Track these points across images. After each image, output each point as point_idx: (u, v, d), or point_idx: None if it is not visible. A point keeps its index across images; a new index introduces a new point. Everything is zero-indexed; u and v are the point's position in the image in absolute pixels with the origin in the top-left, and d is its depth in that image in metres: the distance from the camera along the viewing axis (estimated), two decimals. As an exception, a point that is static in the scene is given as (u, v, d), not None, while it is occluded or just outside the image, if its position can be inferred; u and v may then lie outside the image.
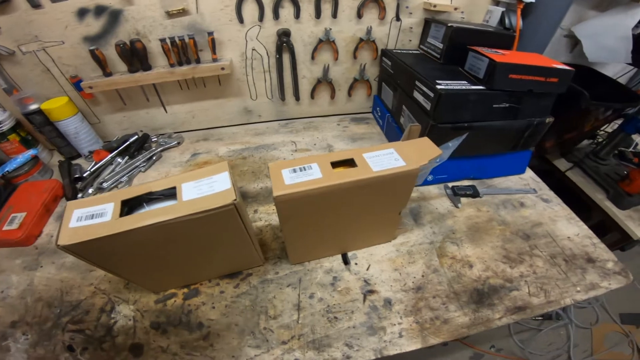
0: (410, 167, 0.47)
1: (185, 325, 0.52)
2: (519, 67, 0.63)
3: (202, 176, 0.47)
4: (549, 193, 0.78)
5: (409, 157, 0.49)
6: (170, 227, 0.42)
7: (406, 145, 0.52)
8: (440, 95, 0.63)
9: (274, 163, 0.48)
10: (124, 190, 0.46)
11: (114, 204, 0.44)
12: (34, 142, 0.83)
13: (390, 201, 0.54)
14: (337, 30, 0.85)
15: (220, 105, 0.95)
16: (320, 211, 0.50)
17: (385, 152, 0.50)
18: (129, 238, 0.41)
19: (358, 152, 0.50)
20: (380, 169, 0.47)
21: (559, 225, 0.69)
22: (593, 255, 0.63)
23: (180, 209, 0.42)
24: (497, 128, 0.71)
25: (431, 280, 0.58)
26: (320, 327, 0.52)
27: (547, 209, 0.73)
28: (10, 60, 0.74)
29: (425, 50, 0.88)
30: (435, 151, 0.51)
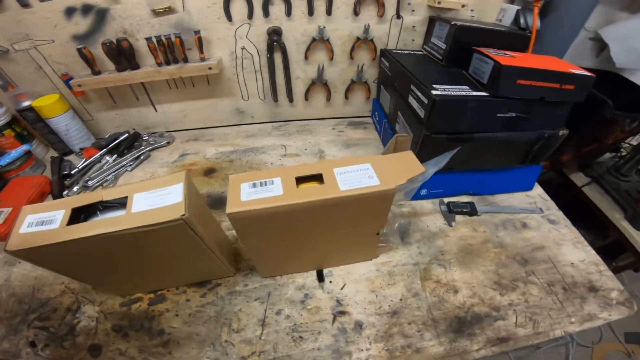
0: (385, 188, 0.42)
1: (146, 330, 0.51)
2: (529, 72, 0.55)
3: (156, 187, 0.44)
4: (557, 213, 0.70)
5: (385, 174, 0.44)
6: (115, 238, 0.40)
7: (386, 160, 0.47)
8: (435, 102, 0.56)
9: (235, 175, 0.45)
10: (77, 197, 0.44)
11: (65, 211, 0.42)
12: (30, 137, 0.85)
13: (364, 222, 0.50)
14: (331, 29, 0.81)
15: (212, 105, 0.93)
16: (283, 229, 0.46)
17: (360, 167, 0.46)
18: (75, 246, 0.40)
19: (329, 165, 0.46)
20: (349, 187, 0.42)
21: (563, 249, 0.62)
22: (597, 283, 0.57)
23: (125, 221, 0.40)
24: (501, 140, 0.63)
25: (409, 305, 0.54)
26: (283, 346, 0.49)
27: (553, 232, 0.66)
28: (5, 57, 0.75)
29: (429, 51, 0.81)
30: (417, 169, 0.46)
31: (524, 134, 0.63)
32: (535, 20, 0.80)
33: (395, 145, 0.55)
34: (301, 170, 0.46)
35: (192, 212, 0.42)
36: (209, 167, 0.84)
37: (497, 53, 0.61)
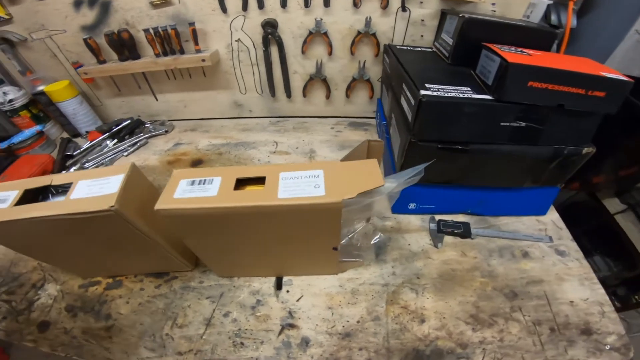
0: (328, 200, 0.38)
1: (95, 313, 0.53)
2: (544, 72, 0.45)
3: (99, 175, 0.44)
4: (569, 244, 0.59)
5: (336, 184, 0.39)
6: (52, 222, 0.41)
7: (343, 168, 0.42)
8: (421, 103, 0.48)
9: (179, 170, 0.44)
10: (31, 179, 0.46)
11: (18, 191, 0.44)
12: (45, 119, 0.92)
13: (314, 235, 0.45)
14: (330, 21, 0.76)
15: (210, 97, 0.93)
16: (220, 232, 0.44)
17: (309, 173, 0.41)
18: (19, 227, 0.41)
19: (276, 169, 0.42)
20: (288, 196, 0.38)
21: (565, 285, 0.53)
22: (594, 326, 0.48)
23: (57, 206, 0.40)
24: (506, 154, 0.53)
25: (366, 329, 0.49)
26: (222, 349, 0.48)
27: (558, 264, 0.56)
28: (24, 45, 0.82)
29: (438, 47, 0.72)
30: (375, 181, 0.40)
31: (536, 149, 0.53)
32: (570, 17, 0.68)
33: (368, 152, 0.50)
34: (244, 171, 0.43)
35: (130, 204, 0.41)
36: (198, 158, 0.84)
37: (510, 50, 0.50)
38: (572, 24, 0.69)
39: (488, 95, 0.49)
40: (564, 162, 0.54)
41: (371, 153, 0.49)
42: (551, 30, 0.62)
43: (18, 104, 0.84)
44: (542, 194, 0.62)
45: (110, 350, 0.48)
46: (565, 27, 0.68)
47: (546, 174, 0.57)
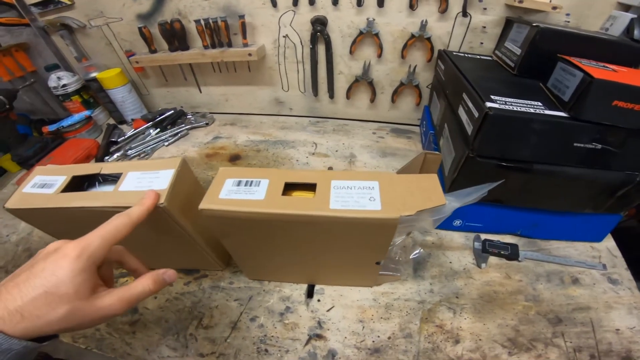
0: (384, 216, 0.35)
1: (123, 306, 0.53)
2: (633, 91, 0.40)
3: (150, 168, 0.44)
4: (622, 273, 0.54)
5: (393, 199, 0.36)
6: (97, 212, 0.41)
7: (400, 181, 0.39)
8: (487, 116, 0.44)
9: (225, 168, 0.42)
10: (80, 166, 0.47)
11: (66, 177, 0.45)
12: (95, 104, 0.96)
13: (360, 248, 0.43)
14: (383, 22, 0.72)
15: (252, 92, 0.93)
16: (261, 236, 0.42)
17: (364, 184, 0.38)
18: (63, 214, 0.42)
19: (328, 176, 0.40)
20: (341, 207, 0.36)
21: (612, 314, 0.49)
22: (636, 354, 0.44)
23: (106, 198, 0.40)
24: (573, 178, 0.48)
25: (396, 346, 0.46)
26: (244, 355, 0.46)
27: (608, 292, 0.51)
28: (82, 32, 0.85)
29: (500, 57, 0.66)
30: (437, 199, 0.36)
31: (608, 174, 0.47)
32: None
33: (423, 165, 0.46)
34: (294, 175, 0.41)
35: (176, 200, 0.41)
36: (236, 153, 0.84)
37: (593, 65, 0.45)
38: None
39: (562, 112, 0.44)
40: (633, 189, 0.48)
41: (426, 166, 0.45)
42: (637, 45, 0.55)
43: (71, 89, 0.88)
44: (601, 221, 0.56)
45: (132, 346, 0.48)
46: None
47: (611, 201, 0.51)
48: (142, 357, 0.47)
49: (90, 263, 0.28)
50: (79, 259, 0.28)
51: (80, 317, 0.27)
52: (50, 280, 0.26)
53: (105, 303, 0.28)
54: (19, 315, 0.25)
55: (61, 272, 0.26)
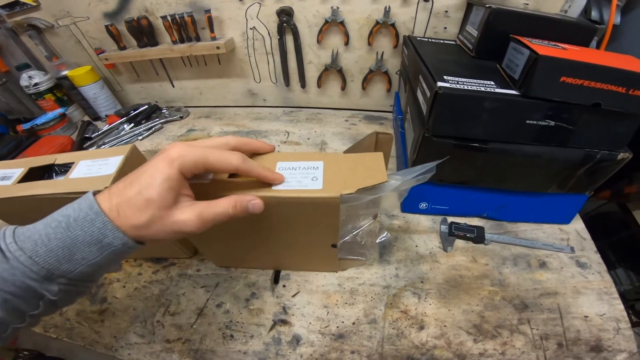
0: (324, 195, 0.35)
1: (91, 296, 0.53)
2: (580, 67, 0.40)
3: (99, 156, 0.44)
4: (591, 256, 0.54)
5: (335, 178, 0.36)
6: (52, 201, 0.41)
7: (344, 160, 0.39)
8: (437, 95, 0.44)
9: None
10: (37, 158, 0.47)
11: (23, 169, 0.45)
12: (69, 102, 0.96)
13: (311, 230, 0.43)
14: (347, 10, 0.73)
15: (225, 84, 0.93)
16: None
17: (308, 164, 0.38)
18: (21, 204, 0.42)
19: (274, 158, 0.40)
20: (282, 187, 0.36)
21: (581, 300, 0.48)
22: (606, 342, 0.44)
23: (57, 185, 0.41)
24: (530, 156, 0.48)
25: (361, 332, 0.46)
26: (210, 340, 0.47)
27: (577, 277, 0.51)
28: (51, 32, 0.85)
29: (462, 40, 0.67)
30: (379, 177, 0.36)
31: (565, 152, 0.47)
32: (613, 13, 0.61)
33: (376, 144, 0.46)
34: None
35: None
36: (209, 145, 0.84)
37: (542, 43, 0.46)
38: (616, 20, 0.62)
39: (514, 90, 0.44)
40: (595, 167, 0.48)
41: (379, 146, 0.45)
42: (589, 24, 0.55)
43: (43, 87, 0.88)
44: (568, 201, 0.57)
45: (101, 334, 0.49)
46: (607, 23, 0.62)
47: (574, 180, 0.51)
48: (110, 344, 0.47)
49: (179, 174, 0.27)
50: (172, 165, 0.27)
51: (158, 226, 0.27)
52: (146, 180, 0.26)
53: (183, 217, 0.28)
54: (116, 212, 0.25)
55: (155, 174, 0.26)
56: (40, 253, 0.24)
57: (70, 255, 0.25)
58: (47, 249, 0.24)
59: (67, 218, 0.25)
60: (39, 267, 0.24)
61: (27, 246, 0.24)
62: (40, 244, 0.24)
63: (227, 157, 0.30)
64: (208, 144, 0.32)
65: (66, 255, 0.25)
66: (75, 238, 0.25)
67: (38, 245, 0.24)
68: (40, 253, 0.24)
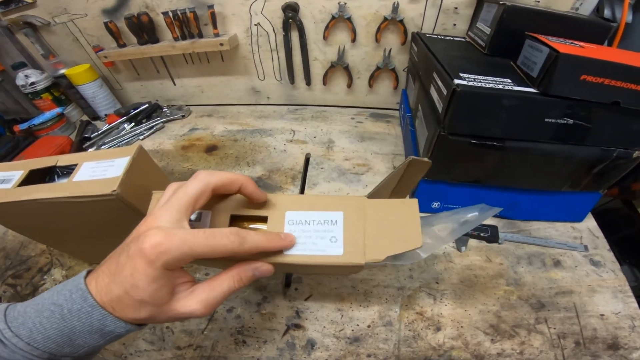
0: (347, 262, 0.29)
1: (97, 302, 0.52)
2: (600, 65, 0.39)
3: (104, 157, 0.43)
4: (605, 254, 0.54)
5: (357, 237, 0.30)
6: (53, 205, 0.39)
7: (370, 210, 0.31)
8: (455, 93, 0.43)
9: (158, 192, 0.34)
10: (37, 160, 0.45)
11: (23, 172, 0.43)
12: (67, 101, 0.93)
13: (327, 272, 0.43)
14: (354, 6, 0.71)
15: (227, 82, 0.91)
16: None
17: (325, 217, 0.31)
18: (22, 208, 0.40)
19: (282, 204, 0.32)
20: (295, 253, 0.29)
21: (596, 298, 0.48)
22: (623, 340, 0.44)
23: (59, 189, 0.39)
24: (547, 154, 0.47)
25: (376, 334, 0.45)
26: (222, 346, 0.45)
27: (592, 275, 0.51)
28: (47, 29, 0.83)
29: (472, 38, 0.66)
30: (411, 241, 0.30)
31: (582, 150, 0.47)
32: (625, 11, 0.60)
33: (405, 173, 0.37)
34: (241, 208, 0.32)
35: (133, 188, 0.39)
36: (213, 144, 0.83)
37: (559, 41, 0.45)
38: (628, 18, 0.61)
39: (532, 87, 0.43)
40: (610, 165, 0.48)
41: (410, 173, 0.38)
42: (605, 23, 0.54)
43: (40, 86, 0.85)
44: (581, 200, 0.56)
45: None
46: (619, 21, 0.61)
47: (589, 178, 0.51)
48: (119, 351, 0.46)
49: (165, 271, 0.24)
50: (153, 265, 0.23)
51: (161, 318, 0.26)
52: (129, 281, 0.24)
53: (187, 309, 0.26)
54: (111, 308, 0.24)
55: (137, 276, 0.23)
56: (39, 340, 0.23)
57: (71, 342, 0.24)
58: (44, 336, 0.23)
59: (60, 308, 0.24)
60: (40, 352, 0.23)
61: (22, 333, 0.23)
62: (36, 332, 0.23)
63: (219, 242, 0.25)
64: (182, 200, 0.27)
65: (66, 341, 0.24)
66: (73, 328, 0.24)
67: (34, 333, 0.23)
68: (39, 340, 0.23)
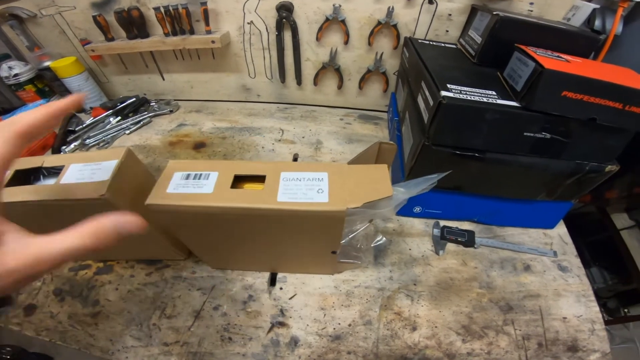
0: (331, 208, 0.35)
1: (82, 298, 0.52)
2: (582, 82, 0.41)
3: (92, 160, 0.42)
4: (572, 260, 0.57)
5: (341, 191, 0.37)
6: (41, 208, 0.39)
7: (349, 172, 0.39)
8: (441, 105, 0.44)
9: (175, 161, 0.41)
10: (24, 160, 0.45)
11: (9, 172, 0.43)
12: (51, 93, 0.91)
13: (313, 239, 0.43)
14: (349, 9, 0.72)
15: (218, 79, 0.91)
16: (213, 228, 0.42)
17: (313, 175, 0.39)
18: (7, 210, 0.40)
19: (278, 167, 0.40)
20: (288, 199, 0.36)
21: (561, 302, 0.52)
22: (581, 343, 0.47)
23: (46, 191, 0.39)
24: (525, 166, 0.50)
25: (357, 333, 0.48)
26: (209, 343, 0.47)
27: (558, 280, 0.54)
28: (33, 21, 0.81)
29: (463, 45, 0.67)
30: (384, 191, 0.37)
31: (557, 163, 0.49)
32: (617, 23, 0.62)
33: (378, 154, 0.46)
34: (244, 168, 0.40)
35: (122, 192, 0.40)
36: (201, 141, 0.83)
37: (547, 55, 0.46)
38: (618, 30, 0.63)
39: (515, 102, 0.45)
40: (583, 178, 0.50)
41: (382, 156, 0.46)
42: (594, 35, 0.56)
43: (23, 78, 0.84)
44: (553, 208, 0.59)
45: (95, 337, 0.48)
46: (608, 33, 0.63)
47: (562, 189, 0.53)
48: (106, 347, 0.47)
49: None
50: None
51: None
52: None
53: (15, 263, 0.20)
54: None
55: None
56: None
57: None
58: None
59: None
60: None
61: None
62: None
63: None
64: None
65: None
66: None
67: None
68: None
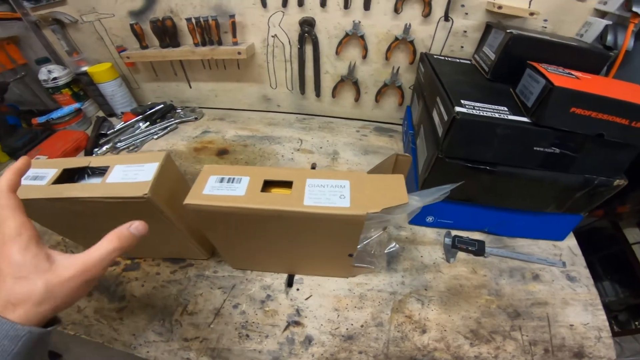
0: (352, 212, 0.39)
1: (110, 294, 0.55)
2: (589, 99, 0.43)
3: (135, 161, 0.46)
4: (581, 271, 0.58)
5: (361, 197, 0.40)
6: (87, 204, 0.43)
7: (368, 181, 0.43)
8: (455, 120, 0.47)
9: (210, 166, 0.45)
10: (71, 159, 0.49)
11: (57, 170, 0.46)
12: (85, 97, 0.97)
13: (332, 241, 0.46)
14: (368, 24, 0.75)
15: (241, 88, 0.95)
16: (243, 229, 0.45)
17: (335, 183, 0.42)
18: (55, 205, 0.44)
19: (304, 174, 0.44)
20: (313, 204, 0.39)
21: (568, 310, 0.53)
22: (587, 349, 0.48)
23: (95, 189, 0.43)
24: (534, 179, 0.52)
25: (368, 334, 0.50)
26: (227, 339, 0.49)
27: (566, 289, 0.55)
28: (74, 27, 0.87)
29: (477, 61, 0.70)
30: (400, 198, 0.40)
31: (566, 177, 0.51)
32: (628, 39, 0.63)
33: (395, 165, 0.49)
34: (272, 173, 0.44)
35: (161, 192, 0.43)
36: (224, 148, 0.86)
37: (558, 72, 0.48)
38: (629, 46, 0.64)
39: (525, 117, 0.47)
40: (592, 192, 0.52)
41: (398, 167, 0.49)
42: (604, 52, 0.58)
43: (61, 82, 0.89)
44: (563, 220, 0.60)
45: (119, 332, 0.50)
46: (620, 49, 0.64)
47: (572, 202, 0.55)
48: (128, 342, 0.49)
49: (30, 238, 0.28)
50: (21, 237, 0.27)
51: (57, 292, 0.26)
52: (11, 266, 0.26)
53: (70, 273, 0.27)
54: (10, 304, 0.24)
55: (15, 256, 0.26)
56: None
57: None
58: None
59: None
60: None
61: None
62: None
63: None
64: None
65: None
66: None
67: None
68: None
